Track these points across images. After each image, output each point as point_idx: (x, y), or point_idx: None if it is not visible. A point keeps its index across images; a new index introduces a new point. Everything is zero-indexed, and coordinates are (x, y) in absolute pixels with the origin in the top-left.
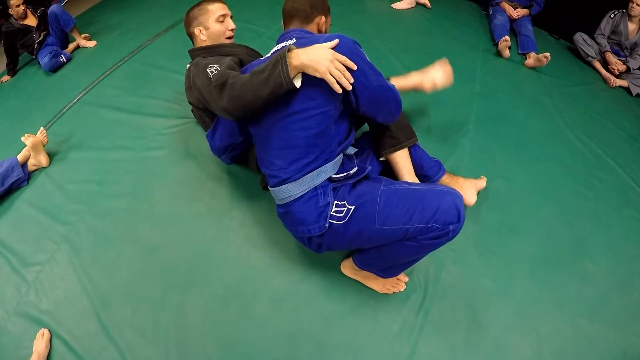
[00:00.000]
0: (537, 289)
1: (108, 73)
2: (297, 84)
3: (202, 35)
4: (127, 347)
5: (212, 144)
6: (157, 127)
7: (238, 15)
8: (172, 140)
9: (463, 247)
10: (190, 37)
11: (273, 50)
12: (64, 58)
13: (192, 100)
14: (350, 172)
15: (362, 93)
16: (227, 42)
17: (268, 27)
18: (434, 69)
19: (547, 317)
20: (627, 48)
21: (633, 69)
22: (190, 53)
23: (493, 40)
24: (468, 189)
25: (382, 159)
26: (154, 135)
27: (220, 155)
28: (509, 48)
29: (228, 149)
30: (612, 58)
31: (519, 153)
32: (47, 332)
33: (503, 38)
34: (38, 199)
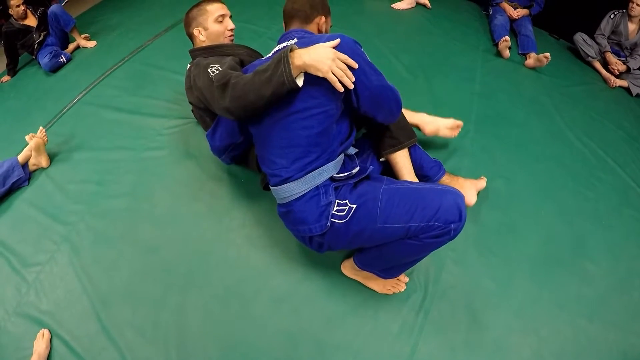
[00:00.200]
0: (537, 289)
1: (108, 73)
2: (299, 83)
3: (201, 36)
4: (127, 347)
5: (212, 144)
6: (157, 127)
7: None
8: (172, 141)
9: (463, 247)
10: (190, 37)
11: (274, 50)
12: (64, 58)
13: (192, 100)
14: (352, 171)
15: (362, 92)
16: (226, 42)
17: (268, 27)
18: (443, 120)
19: (547, 317)
20: (627, 48)
21: (633, 69)
22: (191, 53)
23: (493, 41)
24: (468, 189)
25: (382, 159)
26: (154, 135)
27: (221, 155)
28: (509, 48)
29: (228, 149)
30: (612, 58)
31: (519, 153)
32: (47, 332)
33: (503, 38)
34: (38, 199)
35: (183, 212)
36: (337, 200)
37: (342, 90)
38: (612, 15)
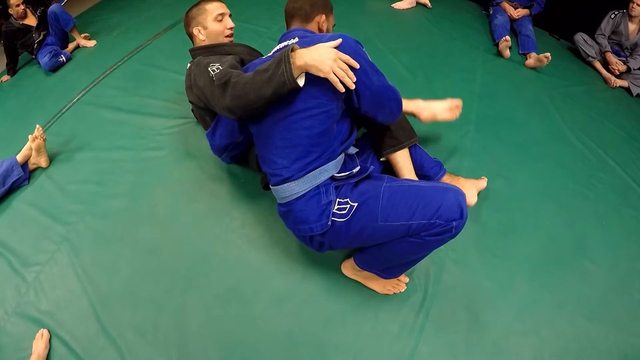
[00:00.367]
0: (537, 290)
1: (108, 73)
2: (300, 83)
3: (200, 35)
4: (127, 347)
5: (212, 143)
6: (157, 127)
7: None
8: (172, 140)
9: (463, 247)
10: (190, 37)
11: (275, 49)
12: (64, 58)
13: (192, 99)
14: (353, 171)
15: (363, 93)
16: (226, 41)
17: (268, 27)
18: (439, 103)
19: (547, 317)
20: (627, 48)
21: (633, 69)
22: (191, 52)
23: (493, 40)
24: (469, 189)
25: (382, 159)
26: (154, 135)
27: (221, 155)
28: (510, 48)
29: (228, 148)
30: (612, 58)
31: (520, 153)
32: (46, 332)
33: (503, 38)
34: (38, 199)
35: (183, 212)
36: (337, 199)
37: (343, 91)
38: (612, 15)
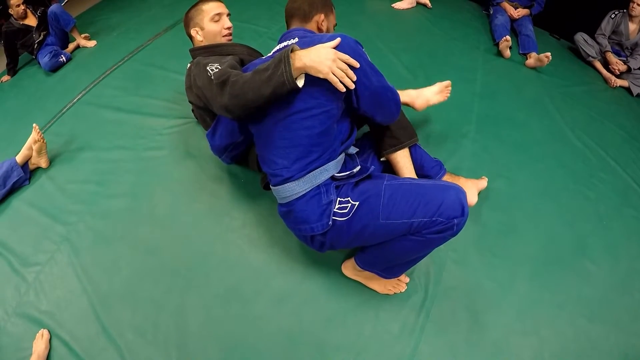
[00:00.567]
0: (537, 290)
1: (108, 73)
2: (299, 84)
3: (198, 36)
4: (127, 348)
5: (212, 143)
6: (157, 127)
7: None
8: (172, 140)
9: (464, 247)
10: (190, 38)
11: (275, 50)
12: (64, 58)
13: (192, 99)
14: (353, 170)
15: (362, 93)
16: (224, 41)
17: (268, 27)
18: (429, 89)
19: (547, 318)
20: (627, 48)
21: (634, 69)
22: (191, 52)
23: (494, 40)
24: (469, 189)
25: (382, 159)
26: (154, 135)
27: (221, 155)
28: (510, 48)
29: (228, 148)
30: (612, 58)
31: (520, 153)
32: (46, 332)
33: (504, 38)
34: (38, 199)
35: (183, 212)
36: (338, 198)
37: (343, 90)
38: (612, 15)
